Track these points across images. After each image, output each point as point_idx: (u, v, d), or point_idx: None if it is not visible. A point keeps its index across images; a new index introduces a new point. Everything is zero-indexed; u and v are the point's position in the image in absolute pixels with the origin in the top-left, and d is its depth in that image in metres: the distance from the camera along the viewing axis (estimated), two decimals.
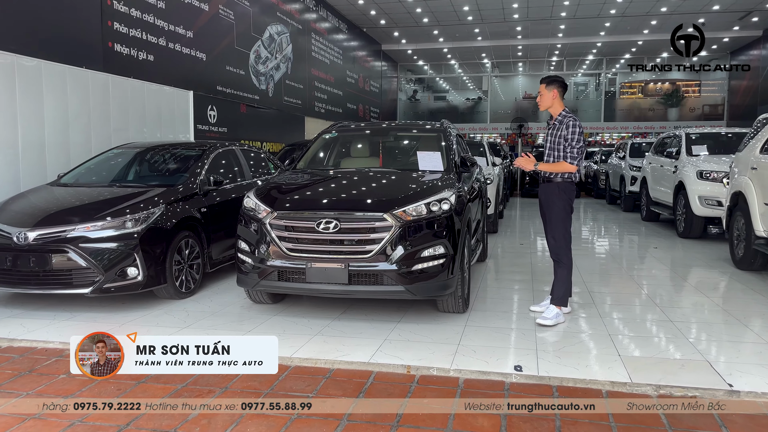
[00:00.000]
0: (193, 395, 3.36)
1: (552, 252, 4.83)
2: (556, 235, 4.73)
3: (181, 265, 5.46)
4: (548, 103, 4.76)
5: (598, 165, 18.59)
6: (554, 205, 4.70)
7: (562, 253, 4.74)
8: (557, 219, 4.71)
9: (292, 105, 14.15)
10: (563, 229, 4.72)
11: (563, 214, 4.70)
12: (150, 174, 6.45)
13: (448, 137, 5.84)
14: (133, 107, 7.98)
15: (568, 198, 4.71)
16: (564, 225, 4.71)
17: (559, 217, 4.71)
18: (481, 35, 23.49)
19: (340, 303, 5.18)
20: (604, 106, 29.12)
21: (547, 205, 4.74)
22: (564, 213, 4.69)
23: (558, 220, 4.71)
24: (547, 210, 4.75)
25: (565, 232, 4.72)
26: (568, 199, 4.71)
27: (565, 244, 4.73)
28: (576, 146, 4.60)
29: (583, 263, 7.34)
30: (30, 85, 6.29)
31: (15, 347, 4.19)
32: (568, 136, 4.63)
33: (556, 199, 4.69)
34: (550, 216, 4.74)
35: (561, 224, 4.71)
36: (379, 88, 24.42)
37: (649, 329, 4.56)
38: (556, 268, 4.80)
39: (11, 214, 5.11)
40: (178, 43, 9.34)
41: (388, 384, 3.51)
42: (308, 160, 5.93)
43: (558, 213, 4.70)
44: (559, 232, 4.72)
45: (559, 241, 4.73)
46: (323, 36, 16.58)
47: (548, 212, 4.75)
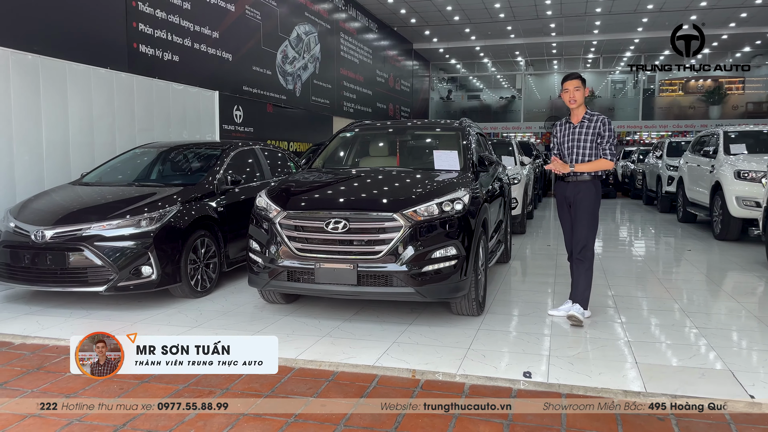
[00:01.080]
0: (194, 395, 3.33)
1: (578, 251, 4.64)
2: (588, 233, 4.60)
3: (197, 264, 5.46)
4: (581, 101, 4.59)
5: (636, 165, 18.10)
6: (587, 202, 4.57)
7: (590, 252, 4.63)
8: (591, 216, 4.59)
9: (319, 105, 14.16)
10: (595, 226, 4.65)
11: (596, 211, 4.61)
12: (170, 173, 6.50)
13: (467, 136, 5.71)
14: (158, 107, 8.06)
15: (599, 194, 4.65)
16: (596, 222, 4.64)
17: (593, 214, 4.60)
18: (514, 33, 23.15)
19: (353, 304, 5.11)
20: (642, 105, 28.39)
21: (580, 202, 4.58)
22: (596, 210, 4.62)
23: (592, 218, 4.60)
24: (580, 207, 4.59)
25: (596, 230, 4.66)
26: (599, 196, 4.65)
27: (593, 243, 4.65)
28: (614, 143, 4.56)
29: (612, 266, 7.11)
30: (54, 86, 6.41)
31: (28, 344, 4.24)
32: (604, 133, 4.54)
33: (590, 196, 4.57)
34: (583, 214, 4.58)
35: (594, 222, 4.62)
36: (410, 87, 24.29)
37: (673, 336, 4.35)
38: (580, 268, 4.64)
39: (31, 213, 5.20)
40: (203, 43, 9.42)
41: (390, 388, 3.42)
42: (324, 159, 5.88)
43: (592, 210, 4.59)
44: (592, 230, 4.62)
45: (590, 240, 4.61)
46: (353, 36, 16.56)
47: (580, 210, 4.58)
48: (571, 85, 4.55)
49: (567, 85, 4.57)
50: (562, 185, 4.71)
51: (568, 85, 4.56)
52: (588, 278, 4.62)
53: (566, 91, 4.58)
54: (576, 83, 4.54)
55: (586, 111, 4.64)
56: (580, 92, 4.55)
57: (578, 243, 4.63)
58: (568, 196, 4.65)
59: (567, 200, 4.67)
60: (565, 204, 4.70)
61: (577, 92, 4.54)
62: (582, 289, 4.62)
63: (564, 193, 4.68)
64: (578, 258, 4.64)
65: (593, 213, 4.59)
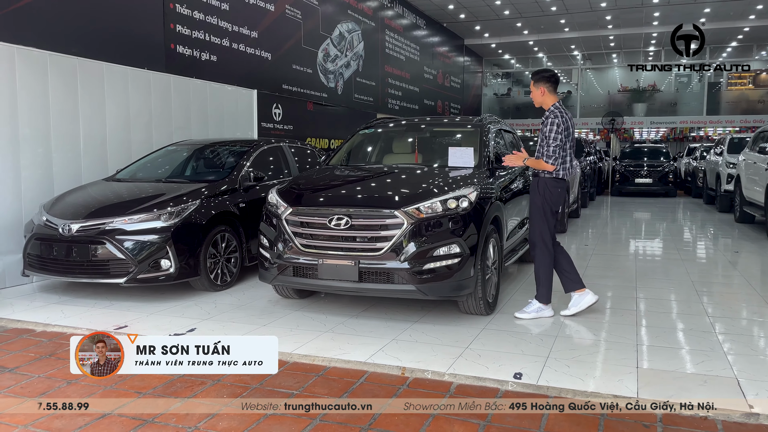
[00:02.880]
0: (185, 386, 3.43)
1: (531, 244, 4.80)
2: (534, 230, 4.70)
3: (217, 258, 5.61)
4: (538, 100, 4.74)
5: (697, 162, 17.30)
6: (535, 199, 4.68)
7: (537, 248, 4.68)
8: (536, 214, 4.66)
9: (362, 102, 14.24)
10: (541, 224, 4.64)
11: (541, 211, 4.63)
12: (199, 170, 6.70)
13: (486, 133, 5.62)
14: (195, 106, 8.31)
15: (550, 196, 4.62)
16: (542, 221, 4.63)
17: (540, 213, 4.64)
18: (568, 26, 22.51)
19: (364, 301, 5.13)
20: (707, 99, 27.07)
21: (531, 200, 4.75)
22: (542, 210, 4.63)
23: (539, 217, 4.64)
24: (530, 205, 4.75)
25: (542, 228, 4.64)
26: (550, 197, 4.62)
27: (541, 240, 4.65)
28: (552, 144, 4.53)
29: (647, 267, 6.87)
30: (92, 86, 6.71)
31: (48, 332, 4.47)
32: (545, 133, 4.60)
33: (537, 193, 4.65)
34: (531, 211, 4.74)
35: (539, 219, 4.64)
36: (460, 83, 24.04)
37: (688, 341, 4.15)
38: (535, 264, 4.75)
39: (61, 207, 5.47)
40: (242, 43, 9.63)
41: (376, 385, 3.42)
42: (341, 156, 5.92)
43: (536, 209, 4.67)
44: (537, 227, 4.67)
45: (535, 236, 4.68)
46: (398, 33, 16.55)
47: (530, 206, 4.75)
48: (531, 85, 4.74)
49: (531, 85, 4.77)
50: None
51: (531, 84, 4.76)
52: (544, 274, 4.66)
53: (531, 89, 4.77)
54: (531, 84, 4.73)
55: (549, 108, 4.68)
56: (534, 93, 4.71)
57: (529, 240, 4.79)
58: (530, 192, 4.81)
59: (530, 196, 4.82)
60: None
61: (532, 93, 4.73)
62: (539, 284, 4.69)
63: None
64: (532, 255, 4.77)
65: (541, 211, 4.62)
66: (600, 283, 6.00)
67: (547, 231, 4.66)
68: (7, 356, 3.94)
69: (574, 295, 4.73)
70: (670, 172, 17.63)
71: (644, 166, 17.79)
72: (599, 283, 5.96)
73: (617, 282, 6.05)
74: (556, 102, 4.69)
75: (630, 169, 17.81)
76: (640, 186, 17.56)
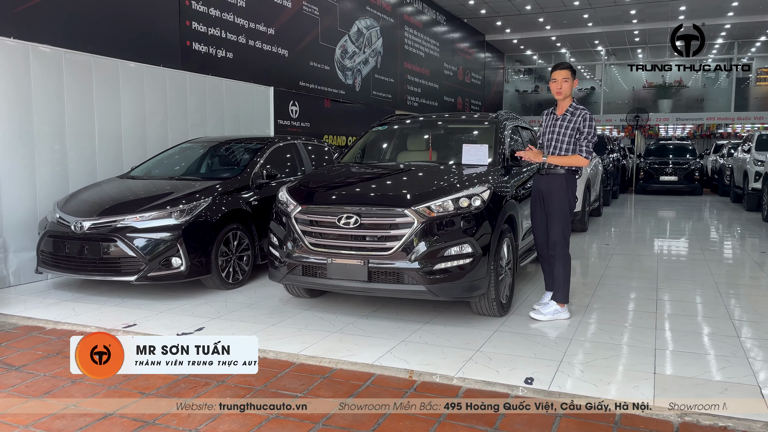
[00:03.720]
0: (189, 387, 3.38)
1: (549, 247, 4.57)
2: (558, 229, 4.50)
3: (229, 256, 5.57)
4: (568, 92, 4.48)
5: (725, 159, 16.87)
6: (559, 196, 4.48)
7: (559, 248, 4.52)
8: (561, 212, 4.49)
9: (381, 99, 14.13)
10: (565, 222, 4.51)
11: (566, 207, 4.49)
12: (213, 168, 6.68)
13: (502, 130, 5.49)
14: (210, 103, 8.30)
15: (573, 191, 4.52)
16: (566, 219, 4.50)
17: (564, 209, 4.49)
18: (592, 21, 22.11)
19: (375, 300, 5.05)
20: (735, 95, 26.41)
21: (552, 197, 4.50)
22: (567, 206, 4.49)
23: (561, 214, 4.49)
24: (552, 202, 4.50)
25: (566, 226, 4.51)
26: (573, 192, 4.52)
27: (564, 239, 4.52)
28: (592, 141, 4.42)
29: (669, 268, 6.67)
30: (107, 83, 6.72)
31: (57, 329, 4.47)
32: (584, 129, 4.43)
33: (562, 190, 4.48)
34: (554, 209, 4.49)
35: (564, 218, 4.49)
36: (481, 80, 23.78)
37: (706, 345, 3.99)
38: (556, 265, 4.53)
39: (74, 205, 5.48)
40: (258, 40, 9.59)
41: (383, 388, 3.34)
42: (354, 154, 5.84)
43: (564, 205, 4.48)
44: (561, 226, 4.50)
45: (558, 236, 4.50)
46: (418, 29, 16.40)
47: (552, 204, 4.50)
48: (560, 76, 4.45)
49: (555, 75, 4.48)
50: (537, 178, 4.64)
51: (557, 75, 4.47)
52: (564, 274, 4.52)
53: (554, 81, 4.49)
54: (565, 74, 4.44)
55: (571, 104, 4.51)
56: (568, 83, 4.45)
57: (551, 239, 4.54)
58: (541, 189, 4.58)
59: (540, 194, 4.58)
60: (538, 197, 4.61)
61: (565, 83, 4.45)
62: (559, 284, 4.53)
63: (538, 186, 4.61)
64: (551, 255, 4.56)
65: (563, 209, 4.48)
66: (620, 283, 5.84)
67: (569, 229, 4.57)
68: (15, 354, 3.94)
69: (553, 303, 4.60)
70: (696, 170, 17.22)
71: (669, 164, 17.43)
72: (618, 284, 5.80)
73: (637, 283, 5.88)
74: (573, 99, 4.58)
75: (654, 167, 17.46)
76: (665, 184, 17.21)
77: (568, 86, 4.44)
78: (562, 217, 4.47)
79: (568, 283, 4.57)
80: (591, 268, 6.72)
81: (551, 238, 4.54)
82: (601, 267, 6.70)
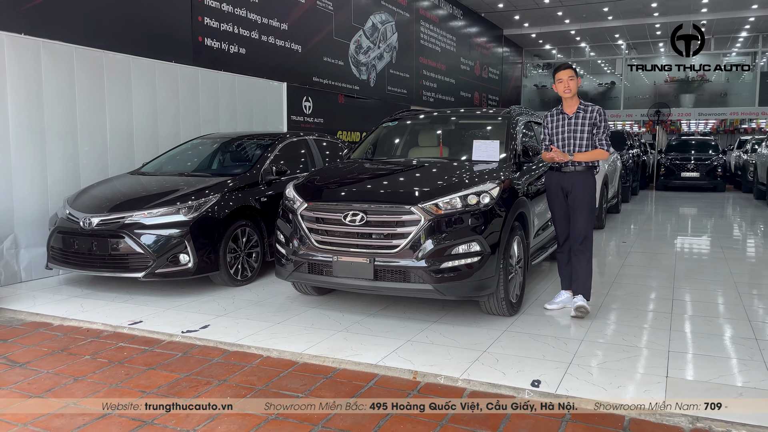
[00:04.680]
0: (190, 386, 3.35)
1: (579, 242, 4.57)
2: (587, 223, 4.57)
3: (237, 253, 5.54)
4: (575, 91, 4.54)
5: (748, 155, 16.49)
6: (586, 192, 4.53)
7: (590, 242, 4.59)
8: (589, 206, 4.55)
9: (396, 94, 14.03)
10: (593, 216, 4.61)
11: (593, 200, 4.59)
12: (223, 164, 6.65)
13: (514, 125, 5.38)
14: (223, 99, 8.28)
15: (595, 184, 4.65)
16: (593, 212, 4.61)
17: (591, 204, 4.56)
18: (612, 14, 21.74)
19: (383, 299, 4.98)
20: (760, 89, 25.82)
21: (577, 193, 4.53)
22: (593, 200, 4.60)
23: (590, 208, 4.55)
24: (578, 198, 4.54)
25: (594, 220, 4.63)
26: (595, 185, 4.65)
27: (592, 233, 4.62)
28: (608, 134, 4.54)
29: (685, 267, 6.50)
30: (118, 79, 6.72)
31: (65, 326, 4.48)
32: (600, 123, 4.51)
33: (588, 186, 4.54)
34: (581, 204, 4.54)
35: (592, 212, 4.57)
36: (499, 74, 23.54)
37: (722, 347, 3.86)
38: (581, 260, 4.57)
39: (84, 201, 5.48)
40: (271, 35, 9.55)
41: (386, 389, 3.27)
42: (364, 150, 5.77)
43: (590, 200, 4.55)
44: (590, 220, 4.56)
45: (588, 230, 4.56)
46: (434, 23, 16.25)
47: (579, 200, 4.54)
48: (565, 75, 4.51)
49: (561, 75, 4.55)
50: (557, 175, 4.64)
51: (562, 75, 4.53)
52: (589, 269, 4.60)
53: (560, 81, 4.54)
54: (570, 73, 4.52)
55: (580, 102, 4.58)
56: (574, 82, 4.52)
57: (578, 234, 4.58)
58: (564, 186, 4.60)
59: (563, 191, 4.61)
60: (560, 194, 4.63)
61: (572, 82, 4.52)
62: (584, 280, 4.58)
63: (560, 183, 4.62)
64: (579, 249, 4.58)
65: (591, 203, 4.56)
66: (636, 282, 5.70)
67: (594, 221, 4.66)
68: (21, 350, 3.94)
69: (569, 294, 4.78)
70: (719, 166, 16.86)
71: (691, 160, 17.10)
72: (635, 283, 5.67)
73: (654, 282, 5.74)
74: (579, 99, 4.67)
75: (676, 163, 17.14)
76: (686, 180, 16.89)
77: (575, 84, 4.52)
78: (589, 212, 4.54)
79: (591, 277, 4.65)
80: (607, 266, 6.58)
81: (581, 233, 4.56)
82: (617, 265, 6.56)
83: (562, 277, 4.84)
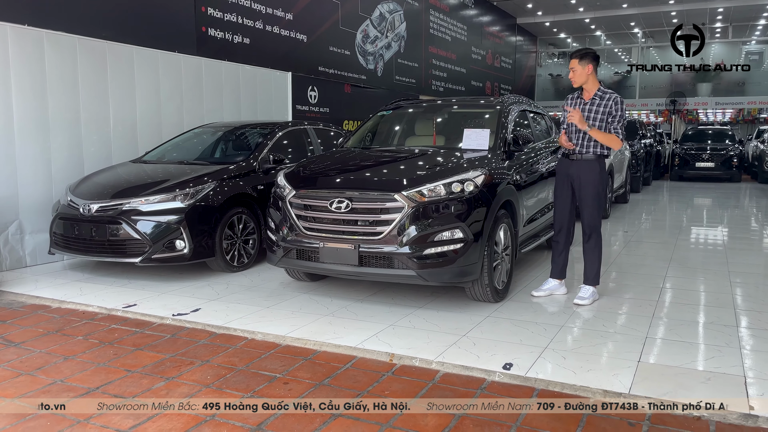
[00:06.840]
0: (173, 366, 3.47)
1: (588, 228, 4.65)
2: (595, 213, 4.60)
3: (234, 239, 5.66)
4: (583, 79, 4.54)
5: (765, 145, 16.25)
6: (593, 181, 4.56)
7: (598, 231, 4.66)
8: (597, 196, 4.59)
9: (404, 84, 14.05)
10: (602, 206, 4.67)
11: (600, 192, 4.61)
12: (223, 152, 6.77)
13: (506, 114, 5.42)
14: (227, 89, 8.39)
15: (605, 173, 4.66)
16: (602, 200, 4.65)
17: (599, 194, 4.60)
18: (627, 2, 21.46)
19: (373, 285, 5.07)
20: None
21: (584, 182, 4.56)
22: (602, 187, 4.61)
23: (598, 198, 4.59)
24: (585, 187, 4.57)
25: (601, 207, 4.66)
26: (605, 175, 4.67)
27: (600, 221, 4.67)
28: (624, 124, 4.54)
29: (683, 256, 6.49)
30: (122, 69, 6.86)
31: (62, 308, 4.63)
32: (616, 112, 4.48)
33: (595, 175, 4.57)
34: (588, 194, 4.56)
35: (600, 199, 4.61)
36: (512, 64, 23.39)
37: (701, 335, 3.89)
38: (591, 246, 4.67)
39: (85, 188, 5.64)
40: (276, 25, 9.63)
41: (360, 371, 3.37)
42: (358, 138, 5.84)
43: (598, 190, 4.59)
44: (596, 213, 4.61)
45: (595, 219, 4.62)
46: (444, 12, 16.20)
47: (585, 190, 4.57)
48: (572, 64, 4.54)
49: (570, 63, 4.56)
50: (565, 163, 4.67)
51: (570, 64, 4.57)
52: (599, 257, 4.68)
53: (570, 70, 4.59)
54: (571, 63, 4.54)
55: (599, 88, 4.57)
56: (575, 72, 4.53)
57: (585, 228, 4.64)
58: (571, 174, 4.62)
59: (569, 178, 4.63)
60: (567, 182, 4.66)
61: (573, 72, 4.53)
62: (596, 268, 4.67)
63: (567, 171, 4.65)
64: (587, 247, 4.68)
65: (597, 194, 4.58)
66: (628, 271, 5.73)
67: (604, 208, 4.74)
68: (18, 331, 4.10)
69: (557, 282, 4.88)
70: (735, 156, 16.62)
71: (706, 149, 16.89)
72: (627, 272, 5.70)
73: (647, 270, 5.76)
74: (600, 83, 4.62)
75: (691, 153, 16.95)
76: (701, 170, 16.70)
77: (579, 74, 4.51)
78: (597, 202, 4.57)
79: (600, 264, 4.71)
80: (604, 255, 6.52)
81: (588, 223, 4.62)
82: (614, 254, 6.57)
83: (554, 265, 4.87)
